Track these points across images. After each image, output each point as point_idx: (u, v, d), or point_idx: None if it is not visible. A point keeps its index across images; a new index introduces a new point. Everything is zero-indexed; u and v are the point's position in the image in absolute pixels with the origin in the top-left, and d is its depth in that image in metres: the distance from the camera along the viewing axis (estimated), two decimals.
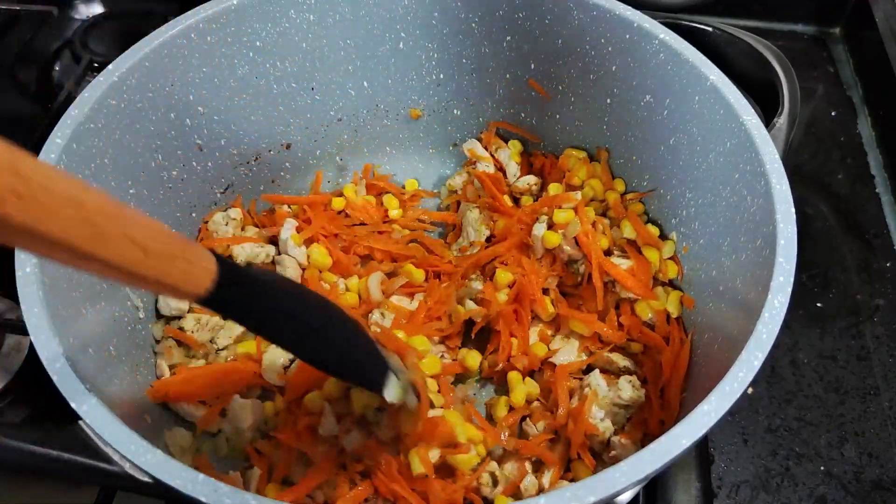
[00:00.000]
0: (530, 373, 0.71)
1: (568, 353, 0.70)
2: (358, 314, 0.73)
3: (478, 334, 0.73)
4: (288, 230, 0.77)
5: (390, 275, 0.77)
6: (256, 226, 0.81)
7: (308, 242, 0.78)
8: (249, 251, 0.76)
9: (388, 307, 0.73)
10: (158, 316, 0.73)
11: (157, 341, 0.71)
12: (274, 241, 0.79)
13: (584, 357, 0.70)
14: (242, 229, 0.79)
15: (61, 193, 0.32)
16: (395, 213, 0.83)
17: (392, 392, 0.55)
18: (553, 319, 0.73)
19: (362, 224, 0.82)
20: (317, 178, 0.85)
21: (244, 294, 0.45)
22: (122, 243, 0.36)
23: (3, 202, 0.29)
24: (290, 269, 0.75)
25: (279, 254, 0.77)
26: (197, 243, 0.45)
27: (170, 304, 0.72)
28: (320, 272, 0.76)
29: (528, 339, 0.71)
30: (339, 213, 0.83)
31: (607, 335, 0.69)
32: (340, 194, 0.83)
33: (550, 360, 0.70)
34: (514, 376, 0.69)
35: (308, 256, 0.76)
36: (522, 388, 0.68)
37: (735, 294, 0.59)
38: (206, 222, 0.78)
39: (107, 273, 0.37)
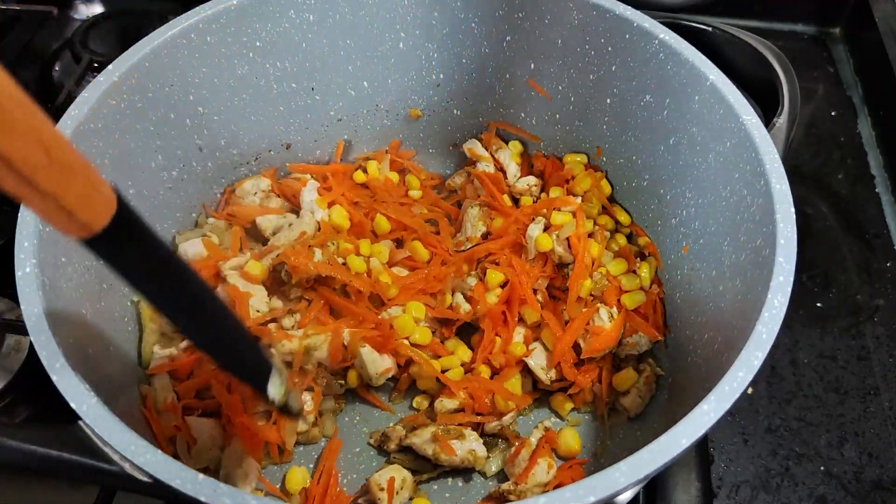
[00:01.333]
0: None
1: (541, 356, 0.70)
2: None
3: (464, 330, 0.73)
4: (311, 191, 0.78)
5: (398, 245, 0.78)
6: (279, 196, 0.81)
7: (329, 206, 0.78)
8: (275, 222, 0.77)
9: (388, 275, 0.74)
10: None
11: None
12: (295, 211, 0.80)
13: (553, 371, 0.70)
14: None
15: None
16: (415, 192, 0.84)
17: (275, 390, 0.54)
18: (538, 325, 0.73)
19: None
20: (338, 147, 0.85)
21: (138, 243, 0.40)
22: (27, 138, 0.30)
23: None
24: (307, 226, 0.75)
25: None
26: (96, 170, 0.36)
27: None
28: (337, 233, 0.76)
29: (512, 339, 0.71)
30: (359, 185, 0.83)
31: (566, 369, 0.69)
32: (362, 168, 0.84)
33: (525, 359, 0.70)
34: (483, 369, 0.70)
35: (329, 216, 0.77)
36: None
37: (735, 294, 0.59)
38: (234, 190, 0.79)
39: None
